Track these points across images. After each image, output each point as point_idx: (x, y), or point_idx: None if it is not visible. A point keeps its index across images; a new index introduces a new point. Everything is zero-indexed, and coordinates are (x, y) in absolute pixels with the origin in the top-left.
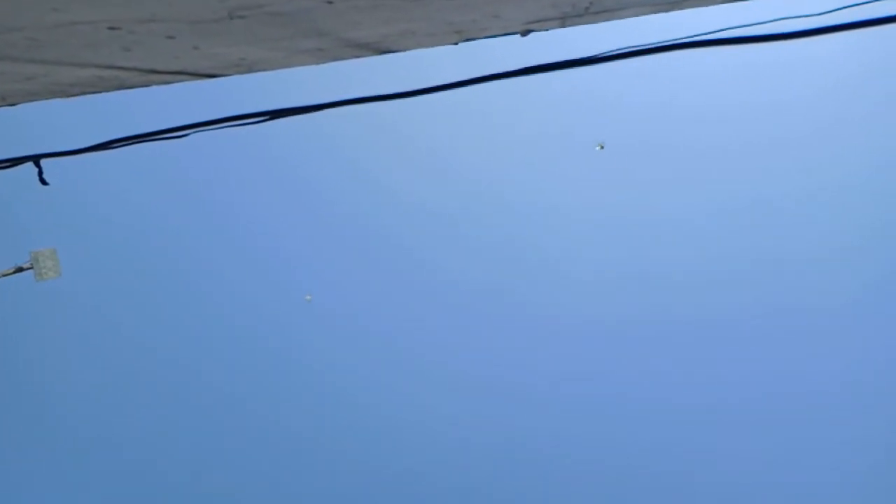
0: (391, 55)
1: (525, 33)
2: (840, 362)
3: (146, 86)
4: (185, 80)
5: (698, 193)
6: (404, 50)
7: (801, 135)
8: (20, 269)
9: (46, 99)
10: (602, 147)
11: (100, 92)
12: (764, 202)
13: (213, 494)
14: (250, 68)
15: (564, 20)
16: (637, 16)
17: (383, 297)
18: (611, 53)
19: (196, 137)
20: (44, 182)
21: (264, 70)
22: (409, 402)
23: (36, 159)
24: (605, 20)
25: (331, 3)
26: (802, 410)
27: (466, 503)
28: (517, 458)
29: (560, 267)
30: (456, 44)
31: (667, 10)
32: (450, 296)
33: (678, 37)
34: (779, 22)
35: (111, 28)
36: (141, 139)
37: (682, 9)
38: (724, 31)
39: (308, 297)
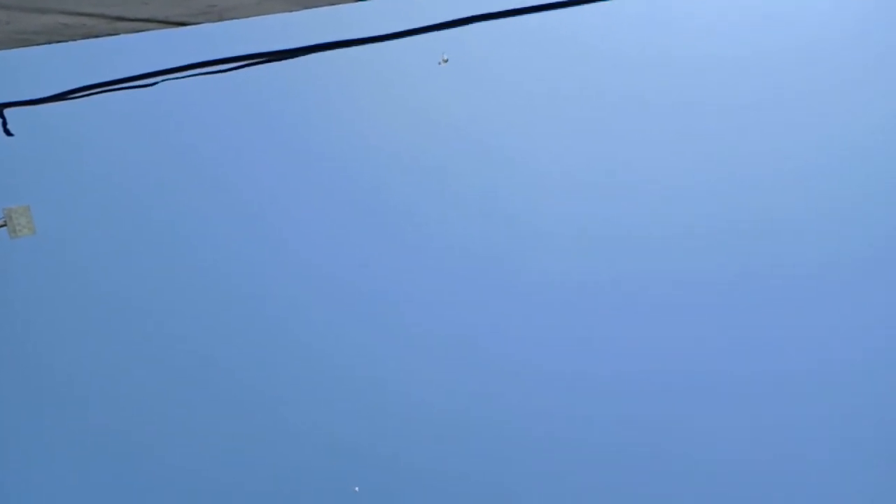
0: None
1: None
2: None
3: (114, 34)
4: (154, 28)
5: (690, 149)
6: None
7: (802, 89)
8: None
9: (9, 48)
10: (446, 60)
11: (66, 40)
12: (759, 158)
13: (189, 464)
14: (221, 16)
15: None
16: None
17: (366, 252)
18: None
19: (168, 86)
20: (8, 133)
21: (236, 17)
22: (388, 364)
23: None
24: None
25: None
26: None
27: (439, 475)
28: (500, 431)
29: (541, 226)
30: None
31: None
32: (435, 252)
33: None
34: None
35: None
36: (108, 88)
37: None
38: None
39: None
